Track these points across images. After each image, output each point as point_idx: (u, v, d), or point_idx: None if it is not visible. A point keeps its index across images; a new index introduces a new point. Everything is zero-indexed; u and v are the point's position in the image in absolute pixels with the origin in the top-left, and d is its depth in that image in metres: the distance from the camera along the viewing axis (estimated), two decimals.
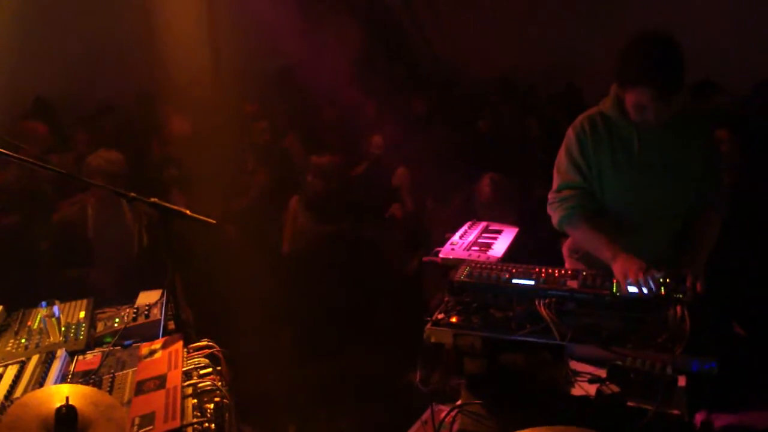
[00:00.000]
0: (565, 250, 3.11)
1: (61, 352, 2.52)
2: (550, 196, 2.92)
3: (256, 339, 4.57)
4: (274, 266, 5.10)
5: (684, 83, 2.55)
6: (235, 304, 4.67)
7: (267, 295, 4.74)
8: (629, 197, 2.82)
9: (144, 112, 6.63)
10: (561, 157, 2.90)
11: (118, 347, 2.60)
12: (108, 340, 2.65)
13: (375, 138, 5.97)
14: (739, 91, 5.84)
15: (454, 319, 2.44)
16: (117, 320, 2.75)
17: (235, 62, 6.86)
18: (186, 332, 2.62)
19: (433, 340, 2.42)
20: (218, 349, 2.53)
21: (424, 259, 3.05)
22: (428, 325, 2.44)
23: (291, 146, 6.27)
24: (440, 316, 2.47)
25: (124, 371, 2.41)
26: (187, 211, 2.66)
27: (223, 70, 6.80)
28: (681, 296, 2.31)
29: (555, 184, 2.91)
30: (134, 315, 2.75)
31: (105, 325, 2.75)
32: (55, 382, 2.34)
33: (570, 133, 2.88)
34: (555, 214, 2.88)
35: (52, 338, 2.66)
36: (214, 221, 2.70)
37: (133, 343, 2.62)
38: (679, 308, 2.26)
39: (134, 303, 2.89)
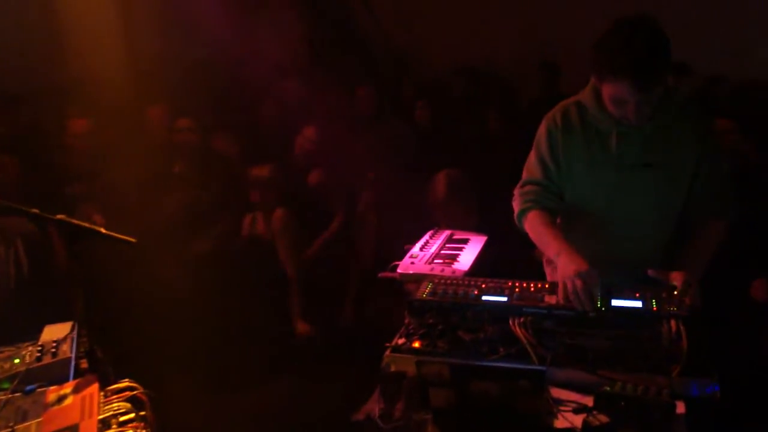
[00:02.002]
0: (544, 262, 3.11)
1: None
2: (514, 191, 2.98)
3: (182, 372, 4.47)
4: (198, 287, 4.99)
5: (667, 73, 2.55)
6: (156, 334, 4.54)
7: (191, 320, 4.63)
8: (607, 199, 2.82)
9: (44, 112, 6.42)
10: (531, 152, 2.95)
11: (19, 394, 2.43)
12: (6, 385, 2.47)
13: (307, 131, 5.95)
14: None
15: (416, 344, 2.41)
16: (17, 360, 2.58)
17: (154, 53, 6.72)
18: (102, 372, 2.50)
19: (393, 368, 2.39)
20: (142, 390, 2.41)
21: (380, 275, 3.00)
22: (387, 352, 2.40)
23: (222, 147, 6.16)
24: (401, 341, 2.44)
25: (26, 423, 2.25)
26: (102, 230, 2.59)
27: (140, 62, 6.64)
28: (675, 309, 2.30)
29: (522, 179, 2.96)
30: (38, 354, 2.59)
31: (2, 367, 2.59)
32: None
33: (542, 125, 2.91)
34: (515, 210, 2.94)
35: None
36: (133, 240, 2.63)
37: (38, 387, 2.45)
38: (673, 323, 2.24)
39: (38, 339, 2.73)
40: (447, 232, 3.43)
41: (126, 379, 2.46)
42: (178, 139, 5.90)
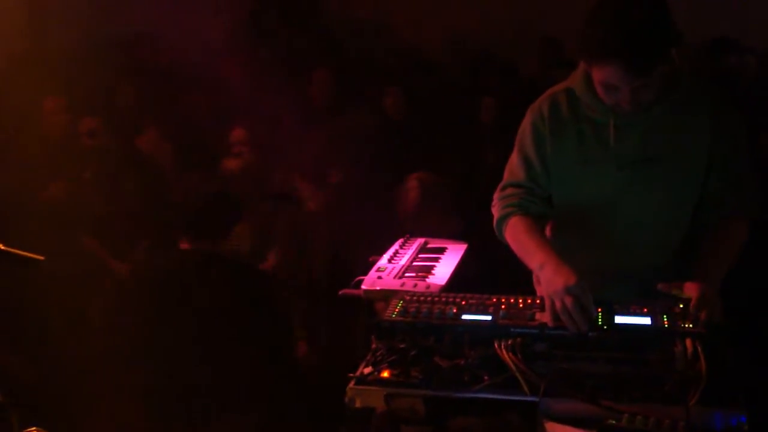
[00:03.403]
0: (535, 280, 3.06)
1: None
2: (494, 195, 2.97)
3: (99, 418, 4.34)
4: (129, 307, 4.90)
5: (668, 50, 2.54)
6: (69, 373, 4.46)
7: (113, 355, 4.54)
8: (606, 201, 2.82)
9: None
10: (514, 149, 2.95)
11: None
12: None
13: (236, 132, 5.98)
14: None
15: (385, 374, 2.39)
16: None
17: (58, 33, 6.62)
18: (4, 419, 2.46)
19: (358, 404, 2.36)
20: None
21: (341, 292, 2.95)
22: (351, 384, 2.37)
23: (149, 147, 6.12)
24: (367, 371, 2.41)
25: None
26: (2, 245, 2.58)
27: (39, 43, 6.54)
28: (690, 326, 2.28)
29: (502, 181, 2.96)
30: None
31: None
32: None
33: (526, 118, 2.91)
34: (494, 217, 2.93)
35: None
36: (41, 257, 2.63)
37: None
38: (689, 343, 2.23)
39: None
40: (420, 240, 3.41)
41: (33, 428, 2.44)
42: (85, 143, 5.89)
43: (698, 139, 2.74)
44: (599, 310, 2.42)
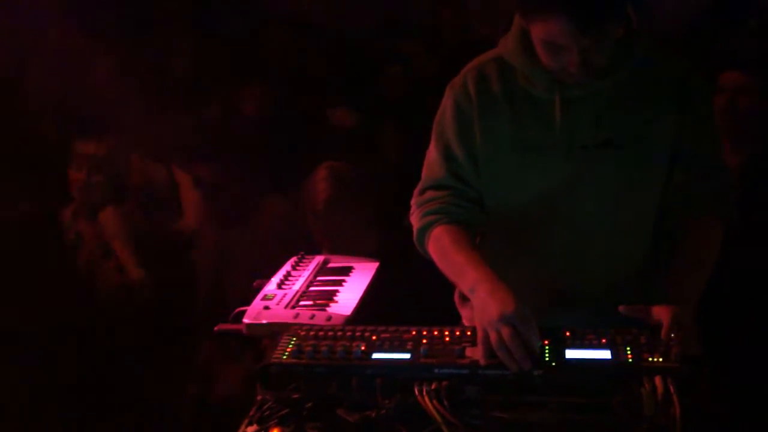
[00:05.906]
0: (456, 299, 3.11)
1: None
2: (412, 201, 2.99)
3: None
4: None
5: (623, 3, 2.58)
6: None
7: None
8: (551, 200, 2.84)
9: None
10: (432, 140, 2.97)
11: None
12: None
13: None
14: None
15: None
16: None
17: None
18: None
19: None
20: None
21: (217, 328, 2.95)
22: None
23: None
24: (251, 430, 2.41)
25: None
26: None
27: None
28: (660, 360, 2.30)
29: (420, 183, 2.98)
30: None
31: None
32: None
33: (446, 98, 2.92)
34: (413, 228, 2.95)
35: None
36: None
37: None
38: (659, 381, 2.24)
39: None
40: (318, 259, 3.42)
41: None
42: None
43: (662, 118, 2.78)
44: (546, 342, 2.43)
